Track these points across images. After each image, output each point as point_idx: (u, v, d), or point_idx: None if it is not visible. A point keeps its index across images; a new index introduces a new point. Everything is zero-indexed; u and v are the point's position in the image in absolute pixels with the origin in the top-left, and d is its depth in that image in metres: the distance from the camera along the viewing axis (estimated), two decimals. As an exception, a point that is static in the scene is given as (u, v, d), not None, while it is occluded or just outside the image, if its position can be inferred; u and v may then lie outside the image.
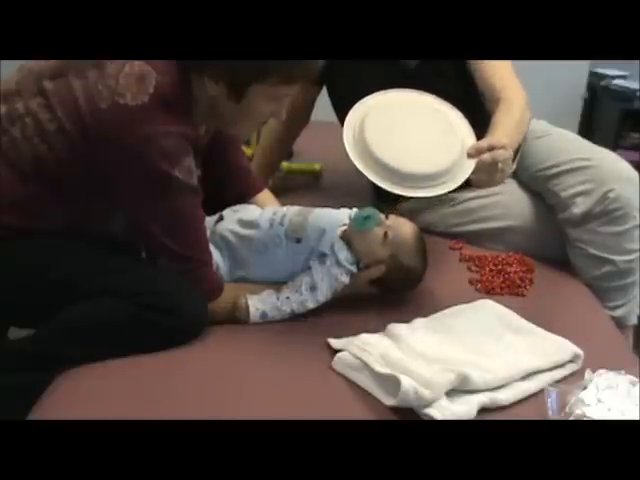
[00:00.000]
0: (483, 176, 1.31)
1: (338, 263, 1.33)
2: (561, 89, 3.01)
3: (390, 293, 1.41)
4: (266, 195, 1.59)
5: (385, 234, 1.35)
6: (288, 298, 1.31)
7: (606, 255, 1.58)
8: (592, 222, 1.56)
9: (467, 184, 1.69)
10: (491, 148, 1.29)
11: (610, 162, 1.60)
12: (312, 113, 1.89)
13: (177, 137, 1.18)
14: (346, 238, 1.36)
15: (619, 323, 1.61)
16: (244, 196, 1.54)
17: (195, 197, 1.25)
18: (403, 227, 1.39)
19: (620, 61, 2.98)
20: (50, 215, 1.24)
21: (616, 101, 3.12)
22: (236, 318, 1.30)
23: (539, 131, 1.73)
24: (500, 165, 1.29)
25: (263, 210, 1.46)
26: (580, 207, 1.56)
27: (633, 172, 1.59)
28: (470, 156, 1.30)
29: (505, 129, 1.40)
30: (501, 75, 1.55)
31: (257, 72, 1.18)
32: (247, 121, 1.31)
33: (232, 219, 1.42)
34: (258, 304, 1.30)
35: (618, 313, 1.63)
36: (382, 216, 1.37)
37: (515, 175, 1.75)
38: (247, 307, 1.29)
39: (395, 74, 1.59)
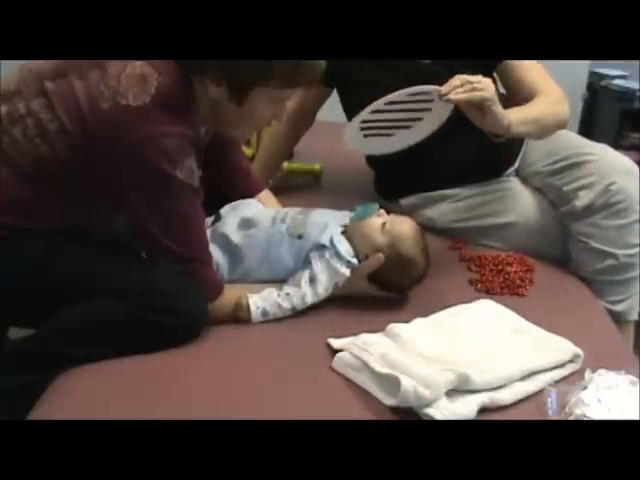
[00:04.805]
0: (460, 91, 1.29)
1: (338, 255, 1.34)
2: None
3: (391, 292, 1.41)
4: (266, 195, 1.59)
5: (383, 224, 1.37)
6: (288, 294, 1.31)
7: (608, 248, 1.58)
8: (594, 215, 1.57)
9: (468, 182, 1.71)
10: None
11: (611, 156, 1.62)
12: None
13: (178, 138, 1.18)
14: (346, 234, 1.38)
15: (620, 318, 1.62)
16: (244, 196, 1.54)
17: (196, 197, 1.25)
18: (402, 219, 1.41)
19: (620, 61, 2.97)
20: (51, 215, 1.24)
21: (616, 101, 3.11)
22: (237, 317, 1.30)
23: None
24: (475, 84, 1.29)
25: (264, 209, 1.46)
26: (582, 200, 1.57)
27: (634, 166, 1.60)
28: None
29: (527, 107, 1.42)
30: (540, 78, 1.60)
31: (260, 75, 1.18)
32: (248, 123, 1.31)
33: (232, 217, 1.42)
34: (259, 302, 1.30)
35: (619, 308, 1.63)
36: (382, 210, 1.40)
37: (517, 172, 1.75)
38: (248, 305, 1.29)
39: (409, 70, 1.58)
